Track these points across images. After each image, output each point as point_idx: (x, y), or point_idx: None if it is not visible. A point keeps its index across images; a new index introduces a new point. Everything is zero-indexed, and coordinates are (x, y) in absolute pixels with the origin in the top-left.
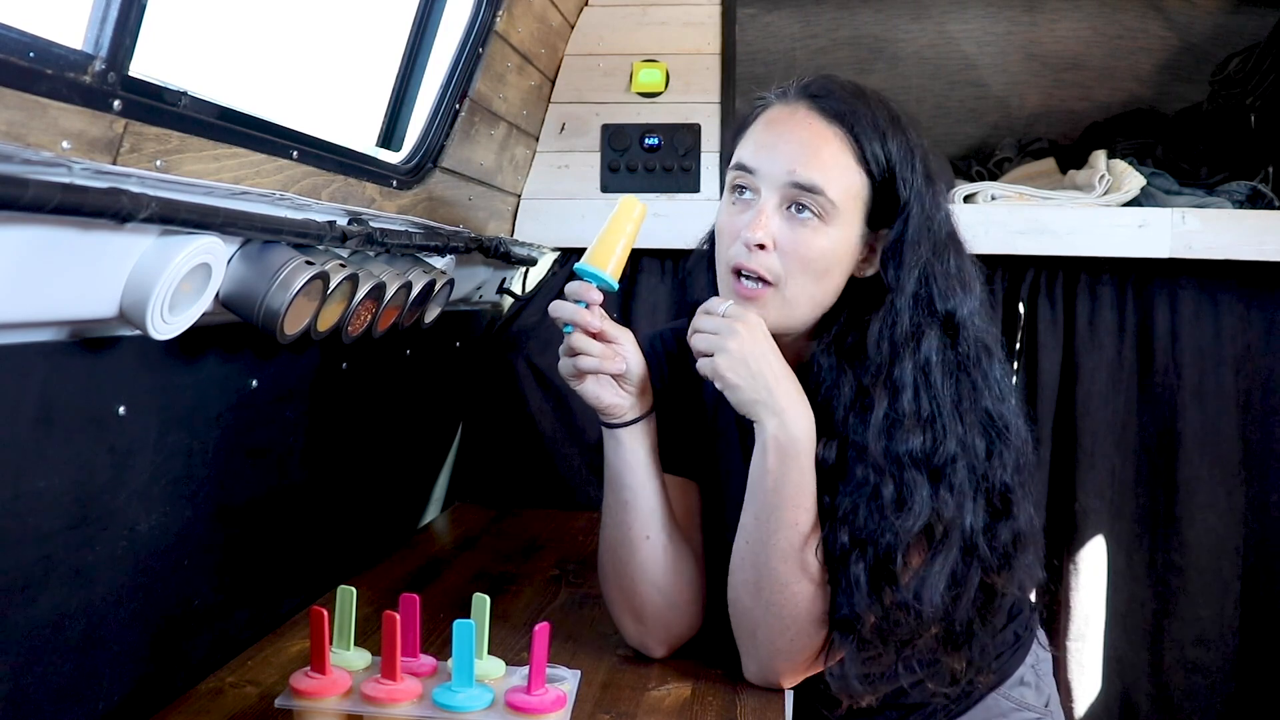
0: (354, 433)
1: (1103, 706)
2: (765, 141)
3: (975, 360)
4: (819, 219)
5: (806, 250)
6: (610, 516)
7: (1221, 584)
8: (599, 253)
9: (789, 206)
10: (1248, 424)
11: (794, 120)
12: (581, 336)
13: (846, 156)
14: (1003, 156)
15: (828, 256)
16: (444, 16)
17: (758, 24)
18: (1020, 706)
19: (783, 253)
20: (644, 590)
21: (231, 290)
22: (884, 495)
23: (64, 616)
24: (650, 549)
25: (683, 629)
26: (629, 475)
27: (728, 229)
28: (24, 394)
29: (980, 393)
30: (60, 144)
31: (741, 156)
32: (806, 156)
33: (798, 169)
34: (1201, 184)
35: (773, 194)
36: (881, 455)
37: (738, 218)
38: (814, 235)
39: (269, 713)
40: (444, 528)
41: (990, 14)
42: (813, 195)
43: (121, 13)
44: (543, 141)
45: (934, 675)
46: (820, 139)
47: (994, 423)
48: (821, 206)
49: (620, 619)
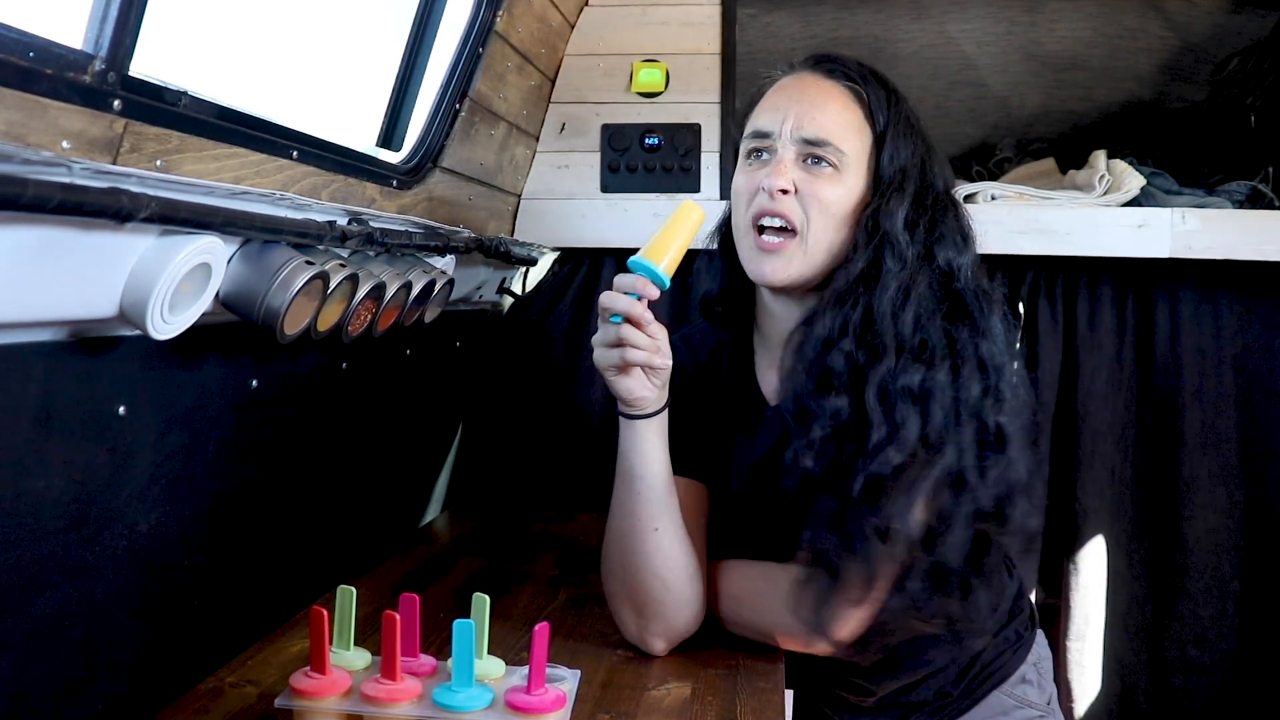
0: (354, 433)
1: (1103, 706)
2: (776, 104)
3: (976, 306)
4: (834, 168)
5: (827, 195)
6: (621, 508)
7: (1221, 584)
8: (656, 249)
9: (805, 160)
10: (1248, 424)
11: (803, 83)
12: (632, 330)
13: (853, 112)
14: (1003, 156)
15: (844, 203)
16: (444, 16)
17: (758, 24)
18: (1023, 704)
19: (803, 197)
20: (648, 582)
21: (231, 290)
22: (874, 436)
23: (64, 616)
24: (658, 540)
25: (682, 625)
26: (643, 467)
27: (745, 188)
28: (24, 394)
29: (979, 336)
30: (60, 144)
31: (756, 124)
32: (815, 112)
33: (807, 125)
34: (1201, 184)
35: (788, 150)
36: (876, 398)
37: (756, 175)
38: (830, 183)
39: (269, 713)
40: (444, 528)
41: (990, 14)
42: (825, 147)
43: (121, 13)
44: (543, 141)
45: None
46: (828, 95)
47: (990, 365)
48: (836, 157)
49: (621, 613)
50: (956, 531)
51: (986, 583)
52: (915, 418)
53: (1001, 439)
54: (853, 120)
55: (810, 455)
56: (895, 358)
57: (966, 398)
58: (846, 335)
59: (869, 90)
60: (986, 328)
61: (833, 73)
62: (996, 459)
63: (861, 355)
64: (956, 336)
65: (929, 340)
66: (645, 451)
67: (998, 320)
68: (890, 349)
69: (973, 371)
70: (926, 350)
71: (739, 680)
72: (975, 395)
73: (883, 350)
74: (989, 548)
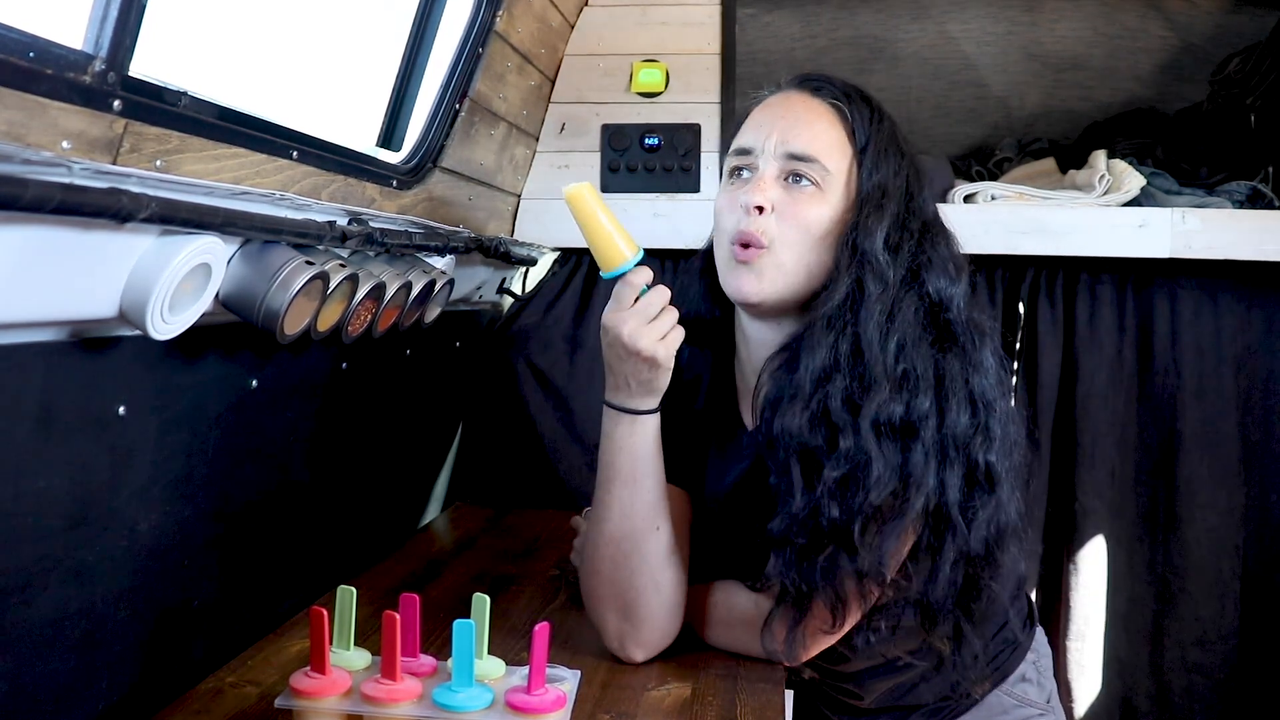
0: (354, 433)
1: (1103, 706)
2: (760, 122)
3: (967, 338)
4: (816, 187)
5: (805, 214)
6: (618, 507)
7: (1221, 584)
8: (607, 249)
9: (786, 178)
10: (1248, 424)
11: (788, 101)
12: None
13: (838, 130)
14: (1003, 156)
15: (824, 223)
16: (444, 16)
17: (758, 24)
18: (1022, 703)
19: (780, 215)
20: (642, 584)
21: (231, 290)
22: (863, 472)
23: (64, 616)
24: (658, 541)
25: (665, 632)
26: (645, 463)
27: (725, 206)
28: (24, 394)
29: (970, 369)
30: (60, 144)
31: (740, 142)
32: (800, 129)
33: (791, 140)
34: (1201, 184)
35: (770, 166)
36: (852, 429)
37: (735, 193)
38: (810, 201)
39: (269, 713)
40: (444, 528)
41: (990, 14)
42: (808, 164)
43: (121, 13)
44: (543, 141)
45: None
46: (813, 113)
47: (980, 400)
48: (818, 175)
49: (604, 618)
50: (942, 572)
51: (978, 629)
52: (895, 451)
53: (991, 479)
54: (836, 139)
55: (788, 486)
56: (886, 390)
57: (953, 432)
58: (839, 370)
59: (853, 109)
60: (978, 361)
61: (818, 90)
62: (985, 499)
63: (855, 389)
64: (945, 368)
65: (912, 370)
66: (648, 446)
67: (989, 354)
68: (881, 381)
69: (962, 405)
70: (910, 380)
71: (739, 680)
72: (963, 430)
73: (872, 383)
74: (979, 593)
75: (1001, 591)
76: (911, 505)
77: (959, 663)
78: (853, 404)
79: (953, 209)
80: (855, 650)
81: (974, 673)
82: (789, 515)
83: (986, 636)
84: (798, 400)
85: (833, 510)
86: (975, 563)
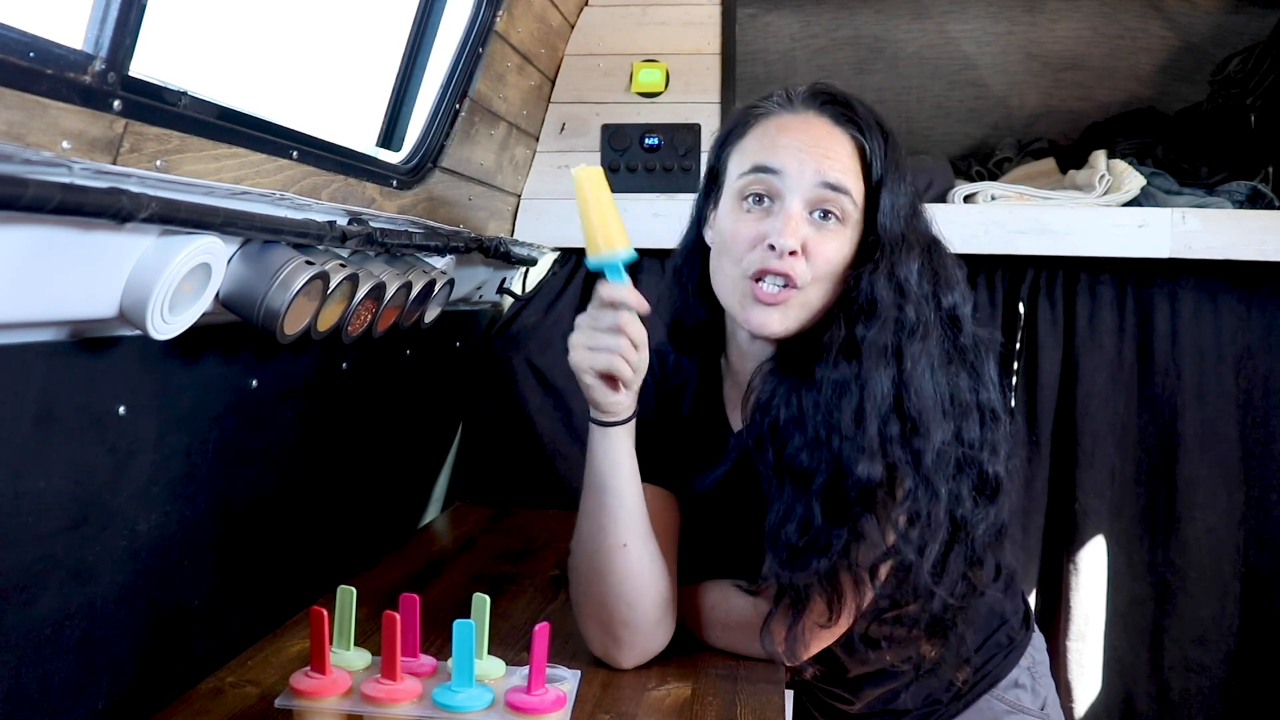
0: (354, 433)
1: (1103, 706)
2: (785, 143)
3: (975, 354)
4: (839, 222)
5: (833, 255)
6: (590, 522)
7: (1221, 584)
8: (602, 235)
9: (813, 212)
10: (1248, 424)
11: (809, 125)
12: (628, 341)
13: (856, 162)
14: (1003, 156)
15: (845, 259)
16: (444, 16)
17: (758, 24)
18: (1015, 709)
19: (810, 257)
20: (613, 603)
21: (231, 290)
22: (931, 510)
23: (64, 616)
24: (625, 558)
25: (651, 646)
26: (613, 478)
27: (745, 235)
28: (24, 394)
29: (979, 385)
30: (60, 144)
31: (760, 159)
32: (830, 159)
33: (825, 170)
34: (1201, 184)
35: (797, 198)
36: (911, 466)
37: (758, 224)
38: (834, 239)
39: (269, 713)
40: (444, 528)
41: (990, 14)
42: (839, 196)
43: (121, 13)
44: (543, 141)
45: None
46: (838, 143)
47: (988, 413)
48: (844, 209)
49: (587, 629)
50: (952, 578)
51: (971, 630)
52: (911, 473)
53: (997, 488)
54: (855, 170)
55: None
56: (939, 421)
57: (967, 447)
58: (890, 406)
59: (871, 141)
60: (986, 374)
61: (836, 117)
62: (988, 508)
63: (907, 425)
64: (959, 385)
65: (949, 397)
66: (616, 460)
67: (993, 367)
68: (934, 413)
69: (974, 420)
70: (956, 407)
71: (739, 680)
72: (976, 443)
73: (923, 416)
74: (975, 594)
75: (993, 589)
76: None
77: (948, 665)
78: (908, 442)
79: (953, 209)
80: (854, 657)
81: (962, 673)
82: (780, 513)
83: (980, 637)
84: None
85: (824, 511)
86: (973, 565)
